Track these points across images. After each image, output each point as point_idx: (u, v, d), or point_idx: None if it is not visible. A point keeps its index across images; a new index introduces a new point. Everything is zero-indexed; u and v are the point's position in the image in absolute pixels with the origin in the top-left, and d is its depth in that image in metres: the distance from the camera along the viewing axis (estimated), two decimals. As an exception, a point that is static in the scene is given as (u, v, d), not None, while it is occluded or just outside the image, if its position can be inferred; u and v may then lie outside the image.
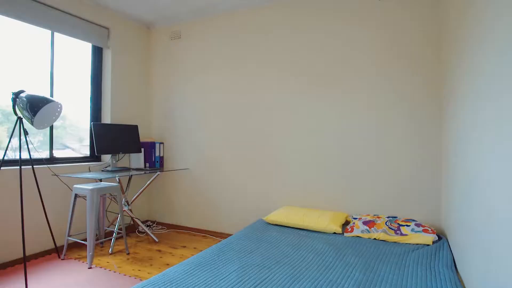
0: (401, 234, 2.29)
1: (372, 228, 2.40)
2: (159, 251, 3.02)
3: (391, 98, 2.70)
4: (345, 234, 2.44)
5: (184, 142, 3.77)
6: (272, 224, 2.74)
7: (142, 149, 3.62)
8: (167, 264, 2.68)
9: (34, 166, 2.72)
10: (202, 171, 3.63)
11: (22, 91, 2.44)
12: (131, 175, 3.48)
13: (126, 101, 3.68)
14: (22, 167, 2.58)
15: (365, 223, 2.47)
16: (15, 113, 2.43)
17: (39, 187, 2.80)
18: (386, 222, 2.43)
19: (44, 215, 2.85)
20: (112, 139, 3.20)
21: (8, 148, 2.44)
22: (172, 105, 3.85)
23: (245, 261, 1.88)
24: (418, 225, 2.35)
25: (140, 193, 3.49)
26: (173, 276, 1.65)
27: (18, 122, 2.43)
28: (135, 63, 3.81)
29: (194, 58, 3.70)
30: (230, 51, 3.46)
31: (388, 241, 2.29)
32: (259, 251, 2.06)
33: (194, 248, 3.11)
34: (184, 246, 3.16)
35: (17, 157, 2.75)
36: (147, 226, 3.84)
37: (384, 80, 2.72)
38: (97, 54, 3.50)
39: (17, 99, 2.41)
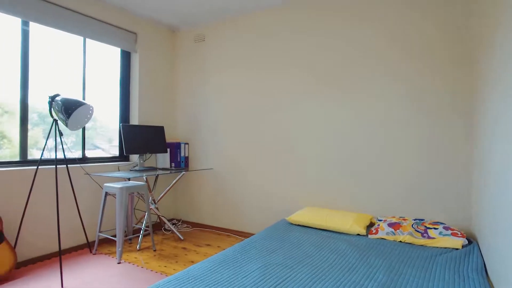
0: (428, 237, 2.22)
1: (397, 231, 2.34)
2: (184, 248, 3.10)
3: (411, 95, 2.63)
4: (369, 236, 2.40)
5: (207, 142, 3.84)
6: (295, 225, 2.74)
7: (168, 149, 3.72)
8: (192, 261, 2.75)
9: (68, 166, 2.88)
10: (225, 171, 3.69)
11: (57, 95, 2.59)
12: (158, 175, 3.59)
13: (153, 103, 3.81)
14: (57, 166, 2.74)
15: (390, 225, 2.42)
16: (51, 116, 2.58)
17: (73, 185, 2.96)
18: (412, 225, 2.37)
19: (77, 211, 3.01)
20: (139, 140, 3.32)
21: (45, 149, 2.60)
22: (196, 106, 3.93)
23: (268, 260, 1.90)
24: (446, 228, 2.27)
25: (166, 192, 3.60)
26: (197, 272, 1.70)
27: (54, 124, 2.58)
28: (161, 66, 3.94)
29: (217, 60, 3.76)
30: (251, 53, 3.48)
31: (414, 244, 2.22)
32: (281, 250, 2.07)
33: (218, 246, 3.17)
34: (208, 245, 3.22)
35: (53, 157, 2.92)
36: (173, 224, 3.95)
37: (406, 77, 2.65)
38: (126, 58, 3.65)
39: (53, 102, 2.56)
